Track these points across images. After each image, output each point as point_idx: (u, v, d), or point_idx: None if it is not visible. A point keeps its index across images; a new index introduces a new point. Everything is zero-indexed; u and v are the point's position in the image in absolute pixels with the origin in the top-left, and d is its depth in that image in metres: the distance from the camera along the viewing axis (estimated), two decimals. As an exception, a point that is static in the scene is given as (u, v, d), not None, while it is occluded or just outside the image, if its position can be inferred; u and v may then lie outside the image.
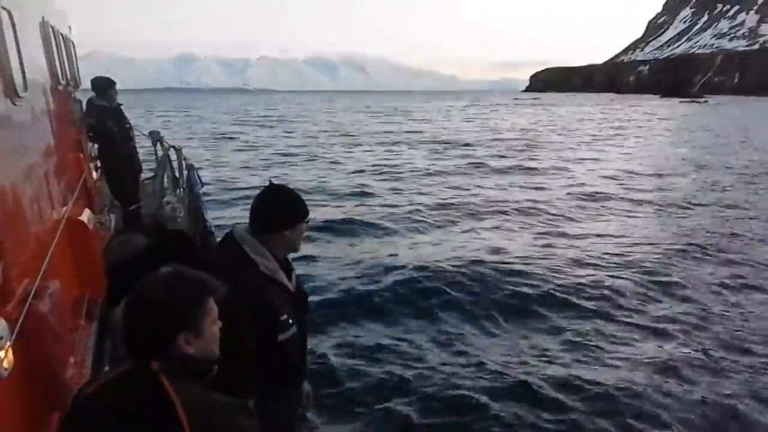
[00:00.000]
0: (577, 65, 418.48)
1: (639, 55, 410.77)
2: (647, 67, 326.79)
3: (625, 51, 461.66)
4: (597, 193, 15.59)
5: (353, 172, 19.38)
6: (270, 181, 2.52)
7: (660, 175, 19.30)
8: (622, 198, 15.07)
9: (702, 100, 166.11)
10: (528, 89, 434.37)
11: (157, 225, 5.48)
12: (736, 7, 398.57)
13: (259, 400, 2.24)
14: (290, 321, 2.37)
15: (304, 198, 2.48)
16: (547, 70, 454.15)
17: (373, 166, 20.99)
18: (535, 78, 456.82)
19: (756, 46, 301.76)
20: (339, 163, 21.83)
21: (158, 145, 8.08)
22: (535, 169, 20.59)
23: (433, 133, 38.25)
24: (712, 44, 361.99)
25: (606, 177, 18.65)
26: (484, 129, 43.69)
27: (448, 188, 16.29)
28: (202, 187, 6.91)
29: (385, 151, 26.71)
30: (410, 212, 12.76)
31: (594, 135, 38.27)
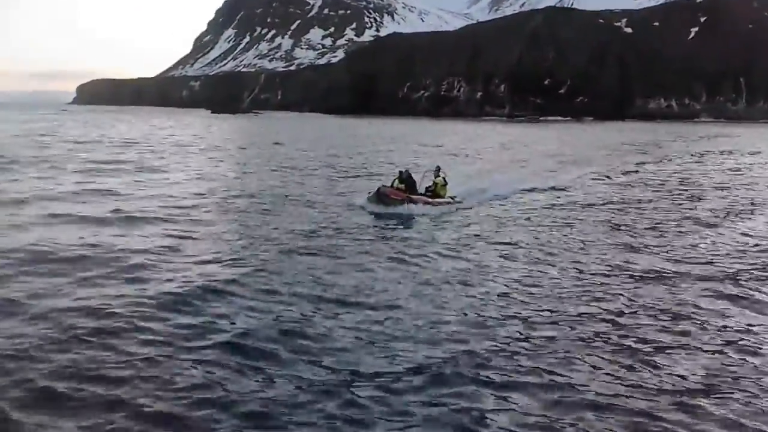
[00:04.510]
0: (127, 78, 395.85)
1: (189, 71, 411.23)
2: (198, 82, 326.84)
3: (176, 66, 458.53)
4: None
5: None
6: None
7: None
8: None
9: (253, 113, 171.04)
10: (75, 101, 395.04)
11: None
12: (273, 31, 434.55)
13: None
14: None
15: None
16: (93, 82, 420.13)
17: None
18: (81, 90, 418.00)
19: (293, 67, 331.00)
20: None
21: None
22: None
23: None
24: (256, 64, 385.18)
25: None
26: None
27: None
28: None
29: None
30: None
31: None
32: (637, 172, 30.77)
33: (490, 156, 39.96)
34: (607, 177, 28.37)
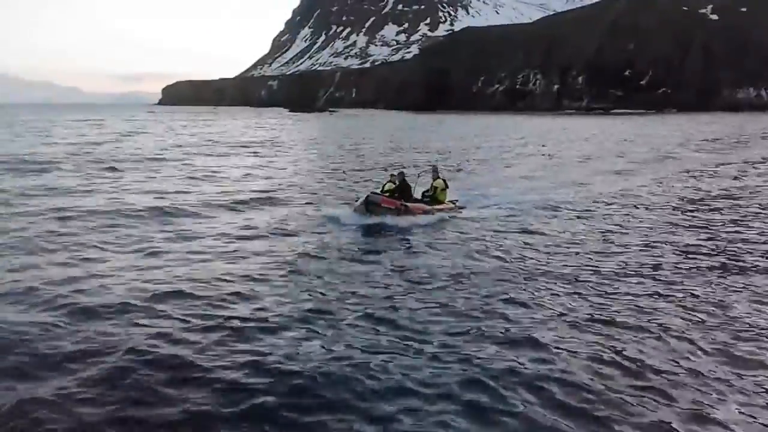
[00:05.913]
0: (209, 79, 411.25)
1: (268, 71, 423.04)
2: (276, 82, 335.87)
3: (255, 66, 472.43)
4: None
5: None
6: None
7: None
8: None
9: (328, 112, 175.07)
10: (161, 102, 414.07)
11: None
12: (348, 29, 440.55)
13: None
14: None
15: None
16: (178, 83, 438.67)
17: None
18: (167, 91, 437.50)
19: (367, 65, 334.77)
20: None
21: None
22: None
23: None
24: (331, 62, 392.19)
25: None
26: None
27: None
28: None
29: None
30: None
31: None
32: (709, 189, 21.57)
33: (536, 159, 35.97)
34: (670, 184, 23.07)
